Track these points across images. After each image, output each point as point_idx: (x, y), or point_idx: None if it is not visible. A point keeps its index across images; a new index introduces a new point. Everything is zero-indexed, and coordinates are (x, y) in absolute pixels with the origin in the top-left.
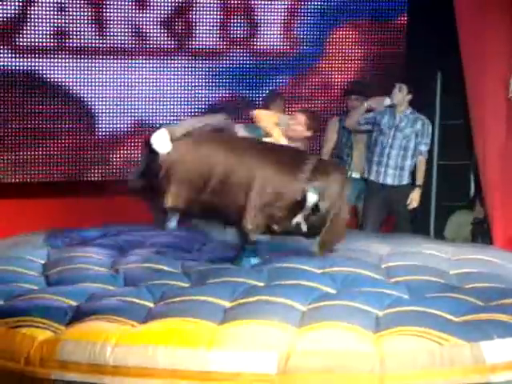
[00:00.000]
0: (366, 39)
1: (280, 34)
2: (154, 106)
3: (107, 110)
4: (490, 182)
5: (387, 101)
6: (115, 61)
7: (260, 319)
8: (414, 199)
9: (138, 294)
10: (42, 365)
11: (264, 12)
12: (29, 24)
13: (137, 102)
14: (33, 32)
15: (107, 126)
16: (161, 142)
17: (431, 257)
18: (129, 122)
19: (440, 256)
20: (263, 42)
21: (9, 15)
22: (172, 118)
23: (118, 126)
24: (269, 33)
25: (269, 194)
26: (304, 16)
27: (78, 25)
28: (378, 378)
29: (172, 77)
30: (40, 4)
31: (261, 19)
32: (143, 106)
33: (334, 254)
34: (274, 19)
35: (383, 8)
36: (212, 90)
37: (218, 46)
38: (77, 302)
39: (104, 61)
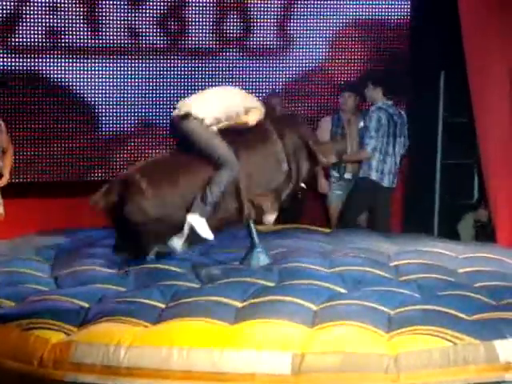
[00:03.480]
0: (369, 38)
1: (276, 32)
2: (155, 106)
3: (109, 110)
4: (494, 183)
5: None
6: (114, 60)
7: (272, 319)
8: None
9: (149, 295)
10: (56, 367)
11: (260, 10)
12: (25, 23)
13: (138, 102)
14: (29, 32)
15: (108, 125)
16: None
17: (439, 255)
18: (131, 121)
19: (448, 254)
20: (259, 40)
21: (6, 15)
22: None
23: (120, 125)
24: (264, 31)
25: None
26: (302, 14)
27: (73, 23)
28: (392, 377)
29: (169, 76)
30: (34, 4)
31: (256, 17)
32: (144, 106)
33: (342, 253)
34: (270, 17)
35: (386, 6)
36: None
37: (214, 45)
38: (88, 304)
39: (103, 60)
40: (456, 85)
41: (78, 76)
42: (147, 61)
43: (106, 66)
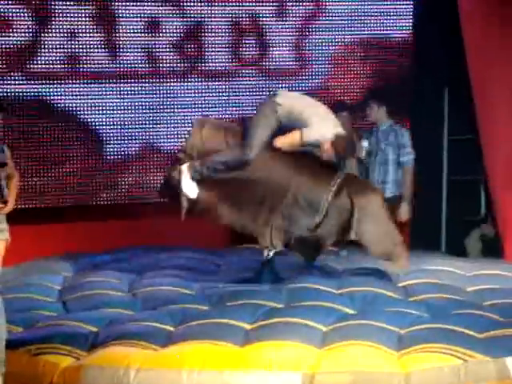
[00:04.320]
0: (372, 55)
1: (288, 54)
2: (164, 130)
3: (116, 135)
4: (501, 198)
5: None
6: (124, 85)
7: (282, 341)
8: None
9: (158, 317)
10: None
11: (274, 32)
12: (39, 50)
13: (146, 126)
14: (43, 58)
15: (118, 150)
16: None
17: (447, 273)
18: (138, 145)
19: (456, 272)
20: (272, 62)
21: (20, 41)
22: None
23: (128, 149)
24: (280, 53)
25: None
26: (310, 34)
27: (86, 50)
28: None
29: (182, 99)
30: (50, 30)
31: (269, 39)
32: (152, 130)
33: (351, 273)
34: (281, 39)
35: (389, 24)
36: (222, 111)
37: (226, 68)
38: (97, 328)
39: (113, 85)
40: (460, 101)
41: (86, 100)
42: (159, 84)
43: (111, 90)
